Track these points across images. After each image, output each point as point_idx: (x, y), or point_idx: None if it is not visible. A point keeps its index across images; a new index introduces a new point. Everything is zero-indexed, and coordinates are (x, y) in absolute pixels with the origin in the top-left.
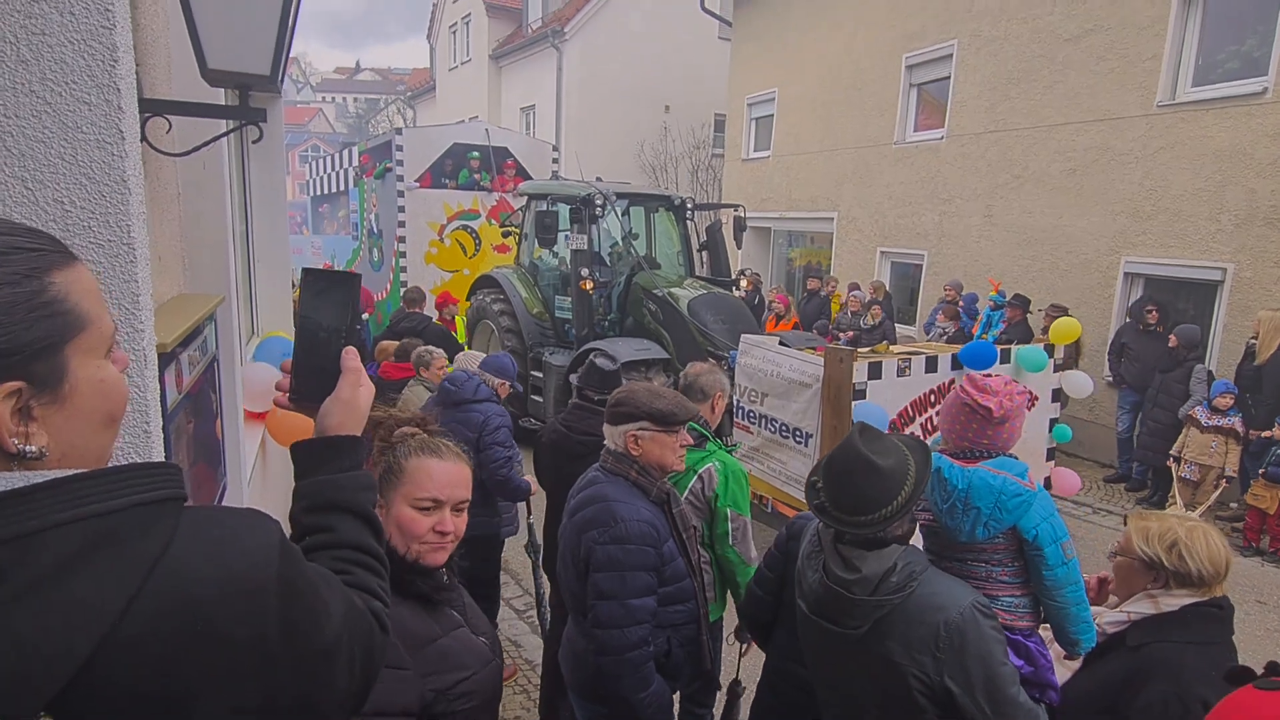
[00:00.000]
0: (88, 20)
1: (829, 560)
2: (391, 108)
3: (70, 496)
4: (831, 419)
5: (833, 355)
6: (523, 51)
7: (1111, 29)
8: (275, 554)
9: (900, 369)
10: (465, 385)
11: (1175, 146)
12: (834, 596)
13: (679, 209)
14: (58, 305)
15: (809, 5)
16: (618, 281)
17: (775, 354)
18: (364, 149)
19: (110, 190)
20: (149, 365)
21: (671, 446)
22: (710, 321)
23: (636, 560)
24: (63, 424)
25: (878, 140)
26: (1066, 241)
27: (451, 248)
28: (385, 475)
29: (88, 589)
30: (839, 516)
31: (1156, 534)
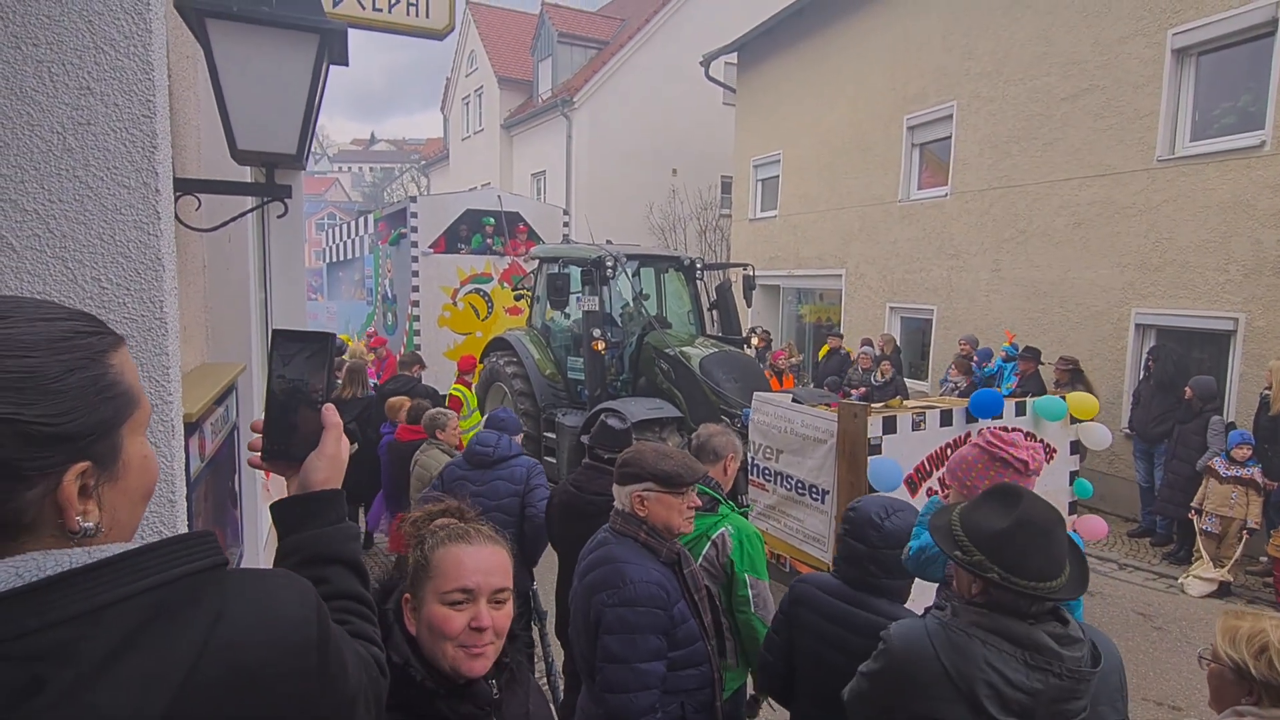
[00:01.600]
0: (130, 110)
1: (1040, 648)
2: (406, 176)
3: (132, 571)
4: (848, 474)
5: (846, 410)
6: (533, 120)
7: (1107, 88)
8: (313, 612)
9: (915, 423)
10: (500, 444)
11: (1178, 199)
12: (1072, 682)
13: (689, 269)
14: (117, 387)
15: (809, 71)
16: (629, 342)
17: (788, 410)
18: (379, 216)
19: (145, 268)
20: (176, 435)
21: (678, 508)
22: (722, 380)
23: (646, 622)
24: (113, 500)
25: (883, 198)
26: (1075, 294)
27: (465, 311)
28: (415, 572)
29: (154, 657)
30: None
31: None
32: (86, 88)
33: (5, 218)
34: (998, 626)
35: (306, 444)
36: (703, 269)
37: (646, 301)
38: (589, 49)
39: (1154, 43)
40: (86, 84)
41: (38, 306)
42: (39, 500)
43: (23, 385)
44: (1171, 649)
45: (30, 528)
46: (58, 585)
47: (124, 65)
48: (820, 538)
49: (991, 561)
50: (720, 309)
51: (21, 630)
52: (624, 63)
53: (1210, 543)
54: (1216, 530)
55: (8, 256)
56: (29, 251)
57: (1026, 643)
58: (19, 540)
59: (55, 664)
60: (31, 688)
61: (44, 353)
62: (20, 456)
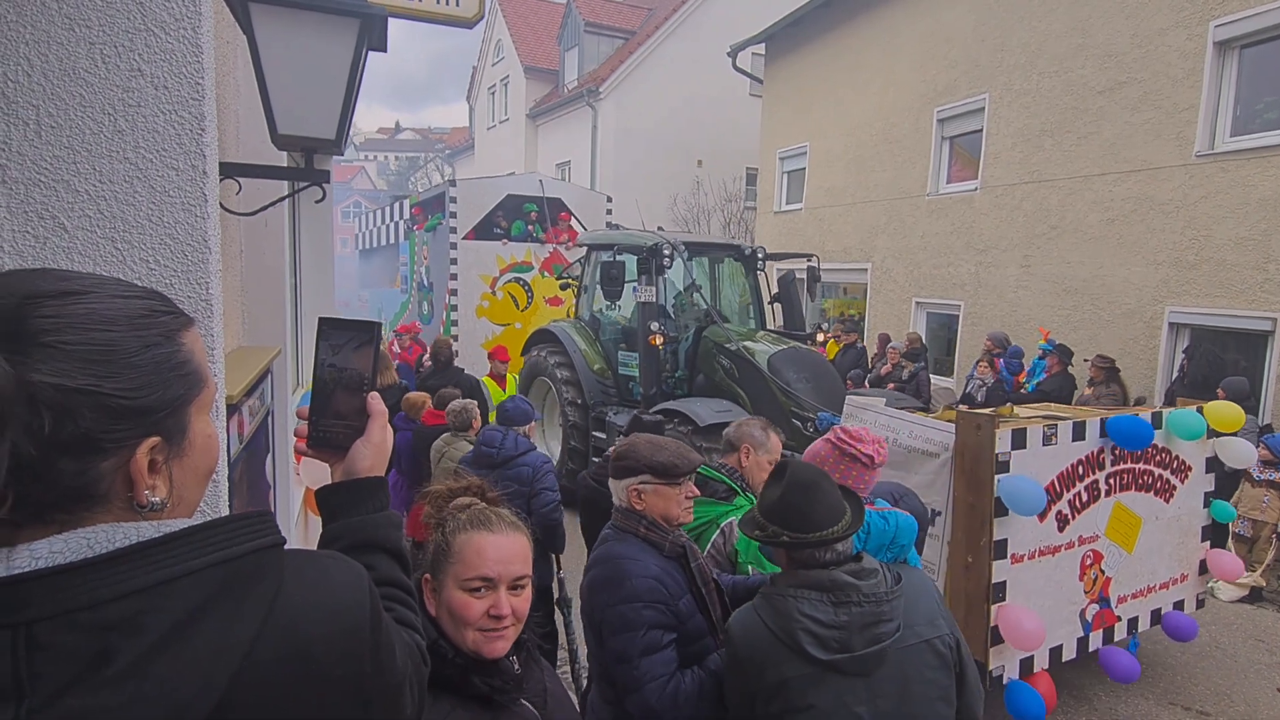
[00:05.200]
0: (179, 92)
1: (839, 585)
2: (430, 165)
3: (199, 545)
4: (968, 495)
5: (968, 422)
6: (559, 110)
7: (1144, 81)
8: (366, 596)
9: (1046, 437)
10: (505, 443)
11: (1216, 196)
12: (873, 606)
13: (749, 259)
14: (187, 365)
15: (838, 62)
16: (685, 336)
17: (893, 419)
18: (416, 201)
19: (192, 250)
20: (219, 417)
21: (675, 499)
22: (793, 379)
23: (648, 618)
24: (179, 476)
25: (910, 192)
26: (1107, 292)
27: (504, 301)
28: (435, 555)
29: (218, 631)
30: (797, 536)
31: None
32: (137, 70)
33: (58, 198)
34: (804, 580)
35: (352, 431)
36: (764, 259)
37: (698, 293)
38: (615, 39)
39: (1195, 35)
40: (137, 66)
41: (116, 284)
42: (112, 472)
43: (103, 359)
44: (1201, 654)
45: (102, 499)
46: (129, 557)
47: (173, 48)
48: (928, 565)
49: (781, 527)
50: (784, 302)
51: (94, 600)
52: (650, 53)
53: (1241, 546)
54: (1248, 534)
55: (60, 237)
56: (80, 232)
57: (829, 585)
58: (92, 512)
59: (125, 634)
60: (102, 657)
61: (123, 328)
62: (98, 428)
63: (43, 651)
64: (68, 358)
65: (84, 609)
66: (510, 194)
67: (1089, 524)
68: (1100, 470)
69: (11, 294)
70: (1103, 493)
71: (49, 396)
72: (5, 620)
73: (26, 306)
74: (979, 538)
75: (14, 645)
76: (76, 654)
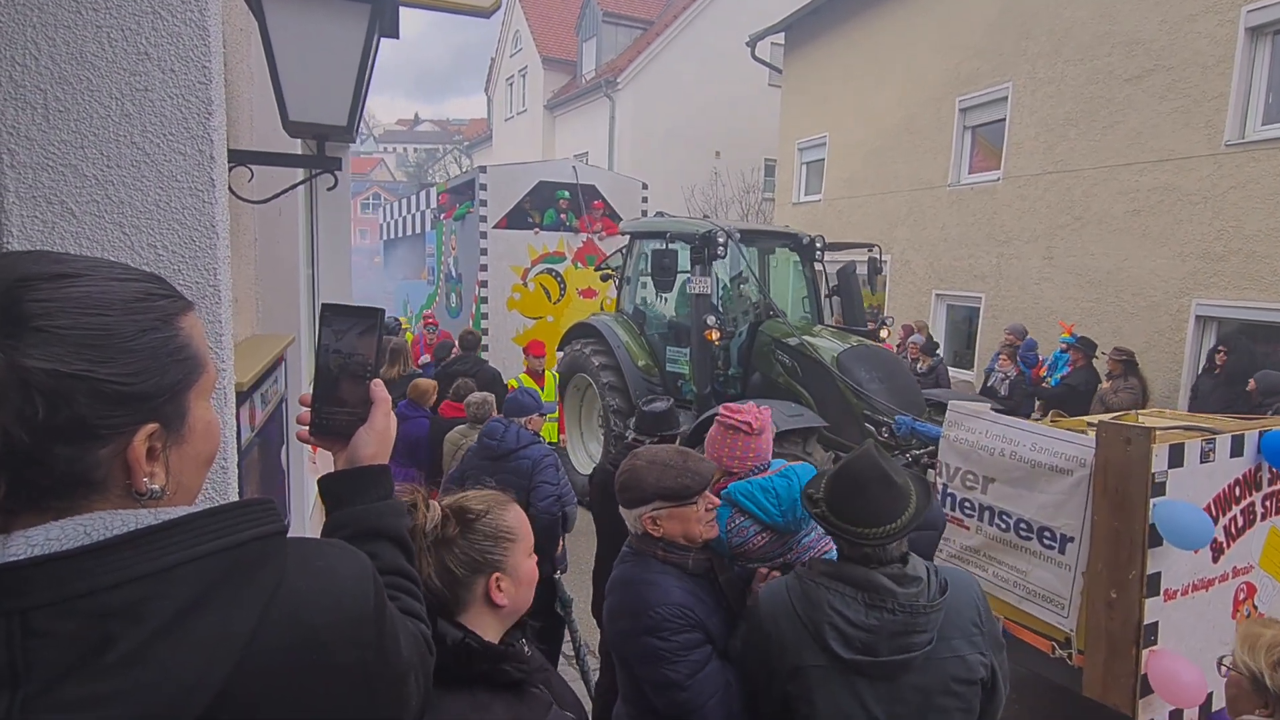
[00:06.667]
0: (186, 76)
1: (876, 587)
2: (448, 157)
3: (199, 532)
4: (1111, 519)
5: (1113, 434)
6: (577, 101)
7: (1173, 68)
8: (370, 585)
9: (1204, 453)
10: (507, 436)
11: (1247, 185)
12: (908, 616)
13: (807, 249)
14: (186, 350)
15: (858, 51)
16: (739, 330)
17: (1008, 428)
18: (443, 189)
19: (200, 235)
20: (228, 404)
21: (695, 518)
22: (865, 379)
23: (678, 643)
24: (178, 463)
25: (931, 183)
26: (1132, 284)
27: (535, 293)
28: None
29: (220, 619)
30: (843, 527)
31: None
32: (144, 53)
33: (65, 183)
34: (841, 573)
35: (355, 419)
36: (823, 249)
37: (744, 285)
38: (634, 29)
39: (1226, 20)
40: (144, 49)
41: (111, 267)
42: (110, 459)
43: (98, 343)
44: None
45: (99, 486)
46: (127, 544)
47: (180, 31)
48: (1056, 597)
49: (827, 509)
50: (843, 295)
51: (92, 587)
52: (669, 43)
53: None
54: None
55: (68, 222)
56: (88, 216)
57: (865, 585)
58: (89, 499)
59: (125, 622)
60: (101, 644)
61: (119, 312)
62: (93, 414)
63: (40, 639)
64: (61, 342)
65: (82, 596)
66: (542, 180)
67: (1243, 553)
68: (1258, 491)
69: (3, 277)
70: (1259, 516)
71: (42, 382)
72: (1, 607)
73: (19, 289)
74: (1126, 570)
75: (9, 632)
76: (75, 641)
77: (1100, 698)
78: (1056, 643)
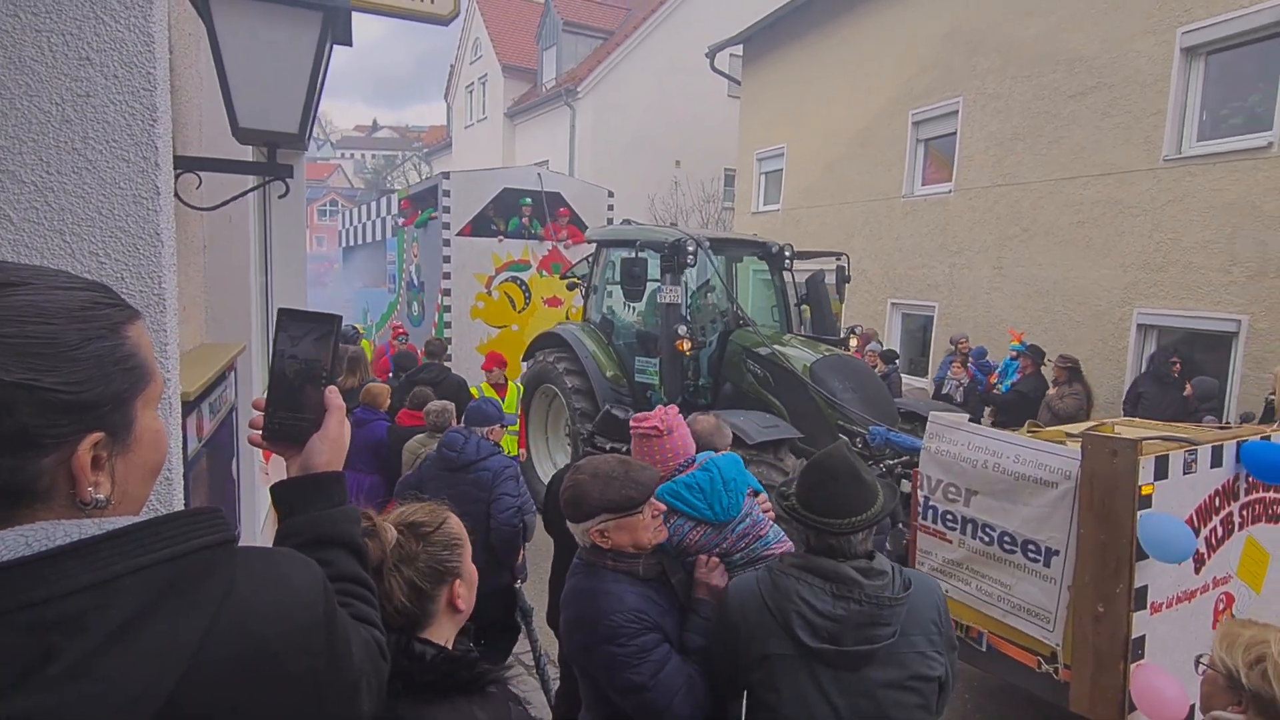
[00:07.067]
0: (130, 82)
1: (843, 578)
2: (408, 163)
3: (144, 543)
4: (1098, 533)
5: (1101, 446)
6: (537, 109)
7: (1114, 85)
8: (321, 593)
9: (1187, 464)
10: (467, 447)
11: (1184, 199)
12: (873, 607)
13: (776, 257)
14: (133, 359)
15: (815, 64)
16: (709, 340)
17: (991, 440)
18: (404, 195)
19: (144, 243)
20: (173, 414)
21: (642, 526)
22: (839, 390)
23: (637, 648)
24: (124, 472)
25: (886, 194)
26: (1077, 293)
27: (500, 301)
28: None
29: (166, 630)
30: (810, 518)
31: (1243, 644)
32: (86, 58)
33: (3, 190)
34: (810, 565)
35: (309, 425)
36: (792, 257)
37: (714, 293)
38: (594, 38)
39: (1163, 41)
40: (86, 55)
41: (56, 275)
42: (53, 469)
43: (41, 352)
44: None
45: (43, 496)
46: (69, 555)
47: (124, 36)
48: (1041, 611)
49: (797, 502)
50: (813, 305)
51: (32, 599)
52: (629, 53)
53: None
54: None
55: (5, 229)
56: (27, 224)
57: (833, 576)
58: (32, 509)
59: (67, 634)
60: (44, 657)
61: (63, 320)
62: (36, 423)
63: None
64: (4, 351)
65: (23, 608)
66: (507, 187)
67: (1222, 563)
68: (1235, 501)
69: None
70: (1236, 526)
71: None
72: None
73: None
74: (1113, 584)
75: None
76: (17, 654)
77: (1087, 713)
78: (1042, 657)
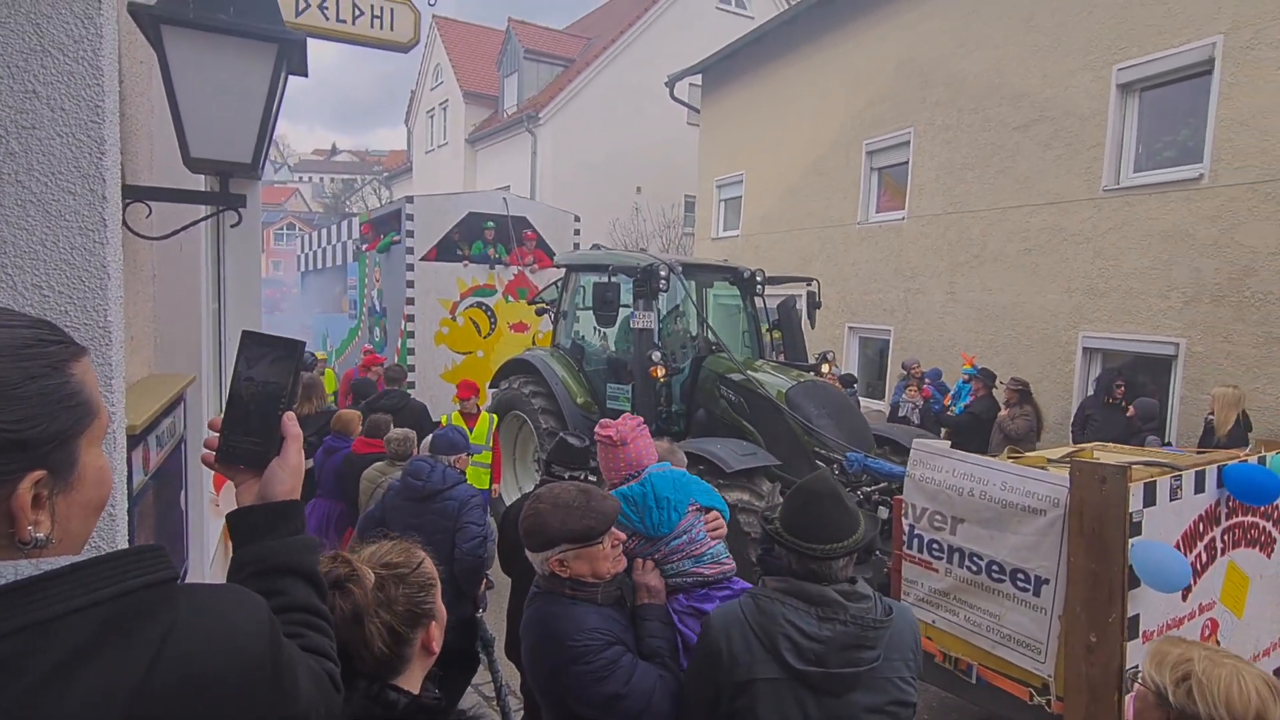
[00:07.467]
0: (77, 115)
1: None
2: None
3: (82, 583)
4: (1089, 562)
5: (1090, 473)
6: (498, 135)
7: (1056, 119)
8: (266, 628)
9: (1173, 489)
10: (432, 476)
11: (1123, 228)
12: (858, 629)
13: (747, 282)
14: (77, 396)
15: (772, 94)
16: (682, 366)
17: (976, 467)
18: (366, 219)
19: (90, 276)
20: (118, 448)
21: (601, 556)
22: (814, 416)
23: (605, 661)
24: (65, 510)
25: (842, 220)
26: (1025, 318)
27: (465, 327)
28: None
29: (103, 673)
30: (792, 541)
31: (1171, 662)
32: (32, 91)
33: None
34: (795, 589)
35: (266, 450)
36: (764, 283)
37: (684, 318)
38: (555, 66)
39: (1100, 77)
40: (32, 87)
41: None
42: None
43: None
44: None
45: None
46: (4, 596)
47: (72, 69)
48: (1031, 641)
49: (781, 526)
50: (785, 330)
51: None
52: (590, 81)
53: None
54: None
55: None
56: None
57: (818, 599)
58: None
59: (2, 676)
60: None
61: (6, 359)
62: None
63: None
64: None
65: None
66: (472, 212)
67: (1207, 589)
68: (1217, 526)
69: None
70: (1219, 551)
71: None
72: None
73: None
74: (1106, 613)
75: None
76: None
77: None
78: (1034, 689)
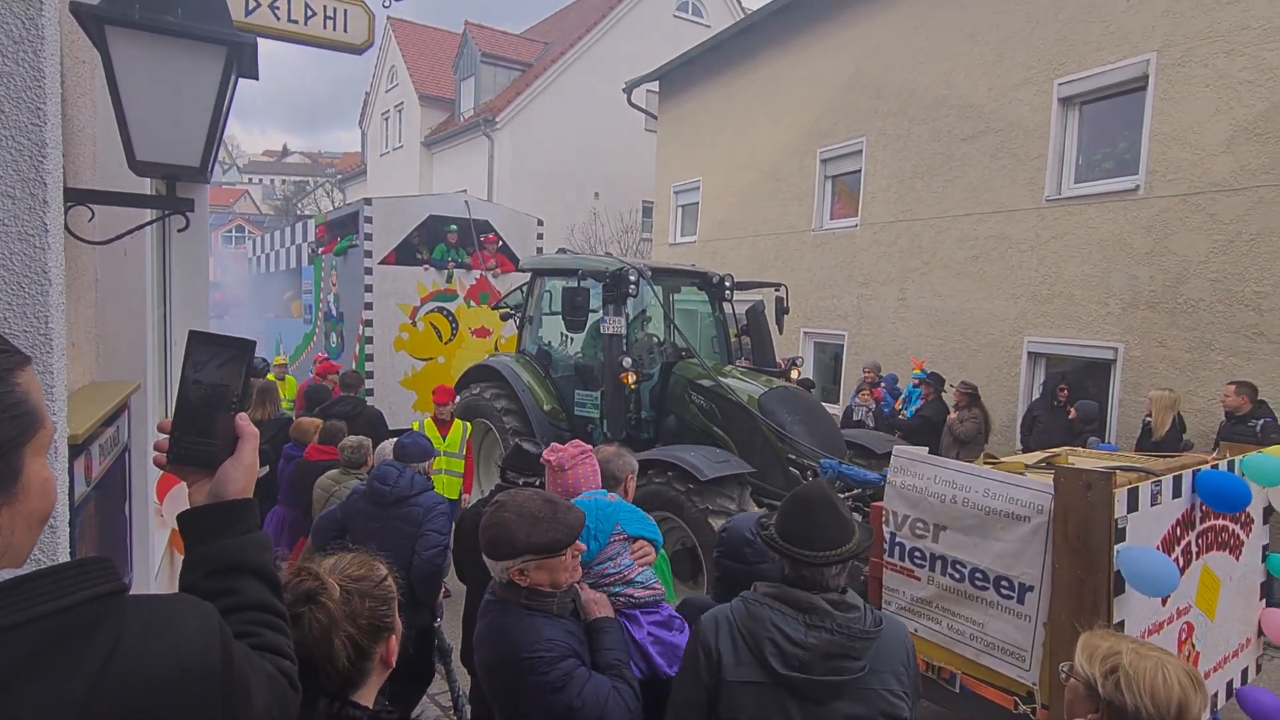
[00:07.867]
0: (16, 117)
1: (816, 609)
2: (320, 190)
3: (25, 596)
4: (1072, 568)
5: (1072, 479)
6: (455, 139)
7: (1001, 131)
8: (217, 638)
9: (1154, 495)
10: (400, 481)
11: (1064, 236)
12: (844, 639)
13: (716, 288)
14: (21, 406)
15: (728, 102)
16: (652, 372)
17: (959, 474)
18: (322, 221)
19: (30, 282)
20: (59, 458)
21: (562, 566)
22: (787, 422)
23: (561, 673)
24: (10, 522)
25: (797, 227)
26: (974, 323)
27: (425, 332)
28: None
29: (48, 687)
30: (786, 547)
31: (1101, 655)
32: None
33: None
34: (784, 596)
35: (218, 451)
36: (732, 288)
37: (648, 324)
38: (512, 70)
39: (1042, 91)
40: None
41: None
42: None
43: None
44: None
45: None
46: None
47: (12, 71)
48: (1016, 649)
49: (776, 533)
50: (753, 335)
51: None
52: (547, 86)
53: None
54: None
55: None
56: None
57: (806, 606)
58: None
59: None
60: None
61: None
62: None
63: None
64: None
65: None
66: (433, 214)
67: (1184, 593)
68: (1192, 530)
69: None
70: (1194, 555)
71: None
72: None
73: None
74: (1091, 620)
75: None
76: None
77: None
78: (1019, 698)
